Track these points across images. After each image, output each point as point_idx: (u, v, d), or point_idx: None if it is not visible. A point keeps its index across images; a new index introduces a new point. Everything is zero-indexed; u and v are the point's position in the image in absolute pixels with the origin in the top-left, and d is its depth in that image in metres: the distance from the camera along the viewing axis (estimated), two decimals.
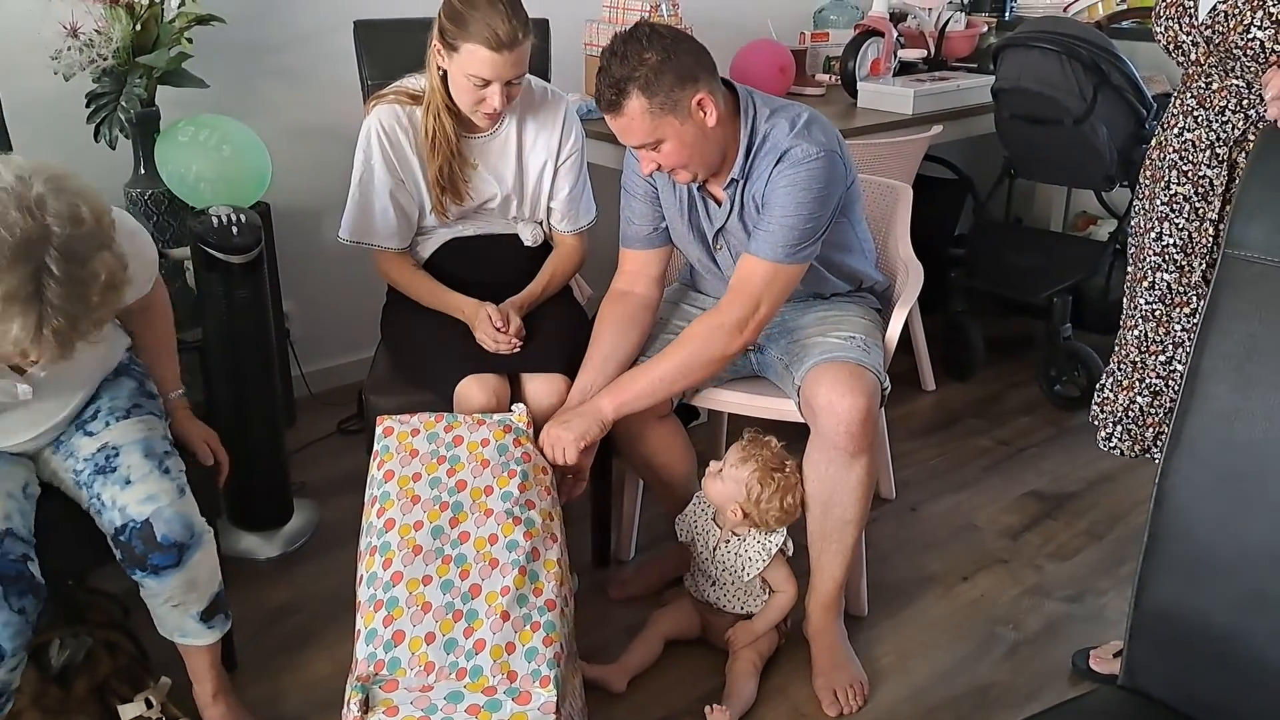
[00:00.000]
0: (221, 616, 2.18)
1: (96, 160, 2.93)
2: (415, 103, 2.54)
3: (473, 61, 2.37)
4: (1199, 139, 2.21)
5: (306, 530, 2.97)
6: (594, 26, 3.70)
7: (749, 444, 2.46)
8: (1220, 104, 2.16)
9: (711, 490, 2.46)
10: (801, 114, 2.34)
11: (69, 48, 2.80)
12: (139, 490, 2.00)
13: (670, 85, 2.20)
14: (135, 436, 2.08)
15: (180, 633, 2.15)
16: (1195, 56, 2.16)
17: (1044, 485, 3.31)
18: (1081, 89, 3.37)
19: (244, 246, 2.61)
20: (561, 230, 2.72)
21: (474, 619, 1.94)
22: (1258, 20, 2.02)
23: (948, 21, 4.28)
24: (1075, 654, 2.51)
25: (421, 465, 2.17)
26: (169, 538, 1.98)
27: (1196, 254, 2.26)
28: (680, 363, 2.37)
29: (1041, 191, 4.71)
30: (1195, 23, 2.12)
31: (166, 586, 2.03)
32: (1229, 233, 1.44)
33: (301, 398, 3.65)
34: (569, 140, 2.65)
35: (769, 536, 2.45)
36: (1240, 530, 1.41)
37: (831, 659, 2.45)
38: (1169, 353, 2.34)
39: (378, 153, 2.54)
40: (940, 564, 2.91)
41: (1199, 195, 2.22)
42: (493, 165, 2.60)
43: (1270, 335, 1.40)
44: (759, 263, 2.33)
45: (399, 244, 2.63)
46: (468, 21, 2.34)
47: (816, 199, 2.29)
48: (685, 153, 2.28)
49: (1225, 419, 1.42)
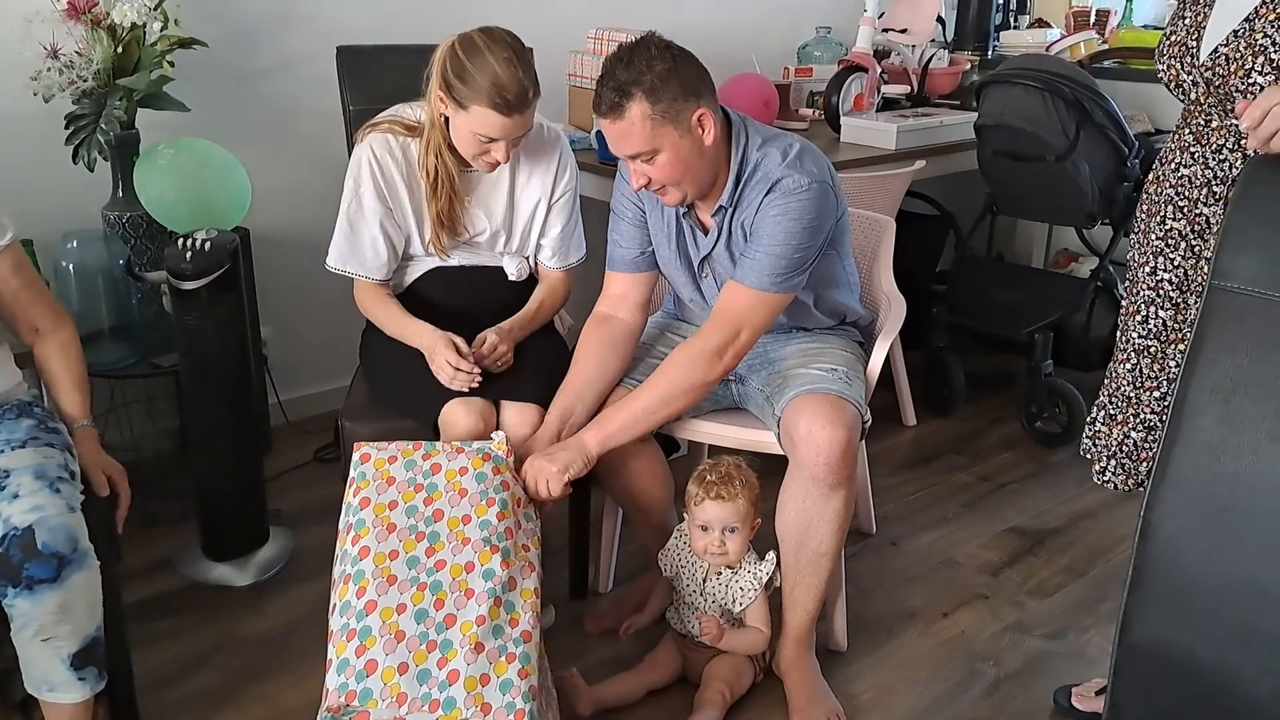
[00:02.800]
0: (94, 671, 2.00)
1: (75, 182, 2.92)
2: (410, 134, 2.49)
3: (481, 123, 2.32)
4: (1195, 175, 2.20)
5: (281, 558, 2.93)
6: (578, 58, 3.70)
7: (694, 487, 2.44)
8: (1218, 142, 2.16)
9: (698, 546, 2.44)
10: (794, 144, 2.34)
11: (49, 69, 2.79)
12: (25, 503, 1.93)
13: (674, 95, 2.19)
14: (29, 462, 2.01)
15: (47, 685, 1.98)
16: (1195, 96, 2.16)
17: (1025, 521, 3.30)
18: (1064, 126, 3.38)
19: (195, 273, 2.59)
20: (550, 267, 2.68)
21: (448, 649, 1.91)
22: (1258, 65, 2.02)
23: (931, 58, 4.30)
24: (1057, 691, 2.49)
25: (398, 493, 2.14)
26: (50, 546, 1.88)
27: (1193, 291, 2.26)
28: (662, 392, 2.36)
29: (1023, 228, 4.72)
30: (1196, 63, 2.13)
31: (39, 609, 1.90)
32: (1215, 264, 1.43)
33: (278, 425, 3.62)
34: (563, 178, 2.61)
35: (759, 566, 2.43)
36: (1226, 564, 1.39)
37: (806, 694, 2.42)
38: (1164, 388, 2.33)
39: (368, 181, 2.49)
40: (920, 599, 2.89)
41: (1195, 233, 2.22)
42: (484, 200, 2.57)
43: (1257, 368, 1.39)
44: (744, 290, 2.32)
45: (383, 276, 2.58)
46: (477, 83, 2.28)
47: (806, 229, 2.28)
48: (680, 168, 2.26)
49: (1212, 451, 1.41)
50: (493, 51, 2.28)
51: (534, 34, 3.07)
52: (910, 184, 3.59)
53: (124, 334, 3.04)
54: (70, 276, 2.94)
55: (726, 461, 2.44)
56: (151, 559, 2.89)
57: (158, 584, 2.82)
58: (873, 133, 3.80)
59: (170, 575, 2.87)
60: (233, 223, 2.90)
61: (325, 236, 2.56)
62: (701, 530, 2.41)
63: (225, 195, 2.87)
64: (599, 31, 3.66)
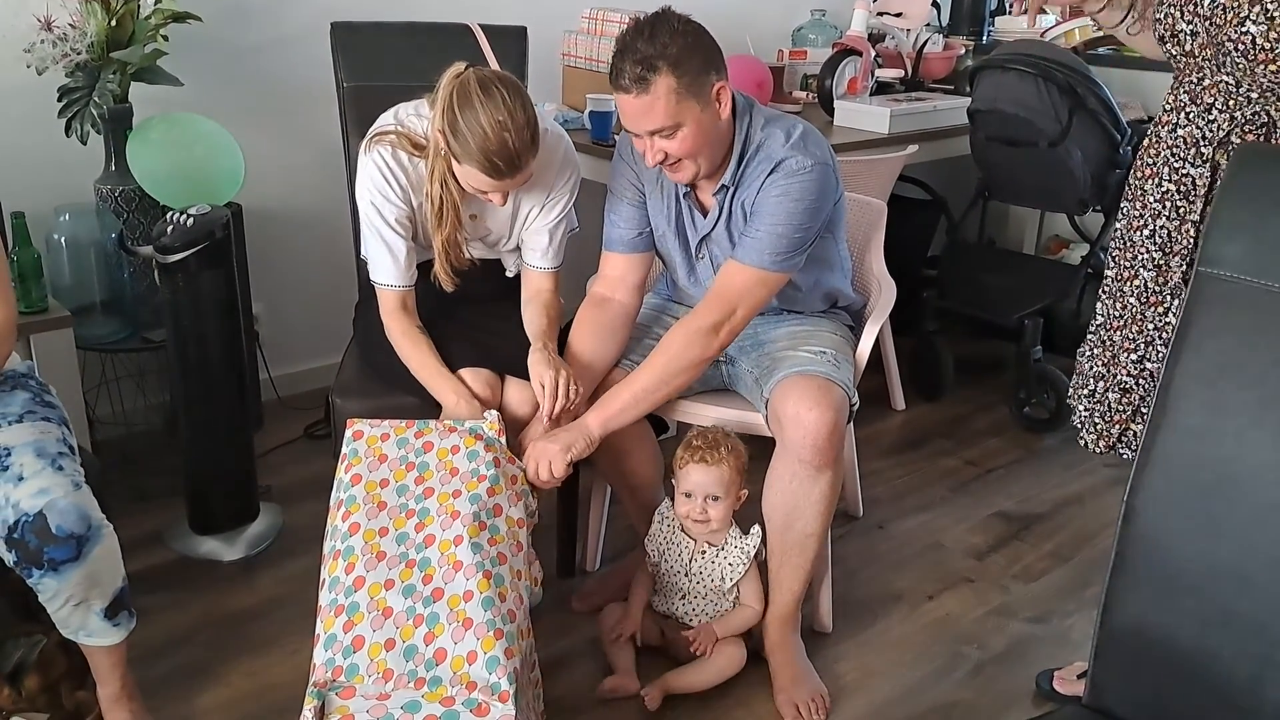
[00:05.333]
0: (126, 614, 2.08)
1: (67, 155, 2.92)
2: (416, 151, 2.37)
3: (473, 179, 2.25)
4: (1188, 136, 2.21)
5: (270, 534, 2.94)
6: (572, 38, 3.69)
7: (681, 451, 2.45)
8: (1208, 101, 2.16)
9: (680, 511, 2.45)
10: (797, 125, 2.35)
11: (42, 41, 2.78)
12: (31, 485, 1.93)
13: (698, 68, 2.20)
14: (27, 438, 2.01)
15: (84, 631, 2.05)
16: (1190, 47, 2.15)
17: (1011, 506, 3.31)
18: (1057, 112, 3.39)
19: (179, 246, 2.58)
20: (541, 268, 2.57)
21: (435, 623, 1.91)
22: (1253, 15, 2.02)
23: (926, 43, 4.30)
24: (1039, 675, 2.51)
25: (390, 471, 2.15)
26: (64, 529, 1.90)
27: (1175, 254, 2.26)
28: (661, 371, 2.36)
29: (1015, 214, 4.73)
30: (1200, 11, 2.11)
31: (68, 584, 1.94)
32: (1203, 250, 1.44)
33: (269, 401, 3.62)
34: (565, 195, 2.52)
35: (745, 540, 2.44)
36: (1208, 548, 1.40)
37: (790, 674, 2.43)
38: (1140, 351, 2.34)
39: (380, 191, 2.38)
40: (906, 582, 2.90)
41: (1181, 194, 2.22)
42: (488, 215, 2.51)
43: (1243, 354, 1.39)
44: (742, 268, 2.33)
45: (408, 281, 2.46)
46: (467, 142, 2.18)
47: (807, 210, 2.30)
48: (700, 141, 2.26)
49: (1196, 436, 1.42)
50: (486, 111, 2.16)
51: (529, 13, 3.08)
52: (903, 168, 3.60)
53: (115, 308, 3.04)
54: (62, 250, 2.94)
55: (715, 429, 2.45)
56: (141, 533, 2.88)
57: (146, 558, 2.82)
58: (866, 116, 3.80)
59: (159, 549, 2.88)
60: (225, 198, 2.90)
61: (318, 214, 2.56)
62: (685, 497, 2.42)
63: (218, 171, 2.87)
64: (593, 11, 3.65)
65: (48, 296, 2.78)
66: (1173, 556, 1.44)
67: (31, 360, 2.32)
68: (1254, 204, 1.41)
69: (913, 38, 4.30)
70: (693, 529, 2.45)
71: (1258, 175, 1.44)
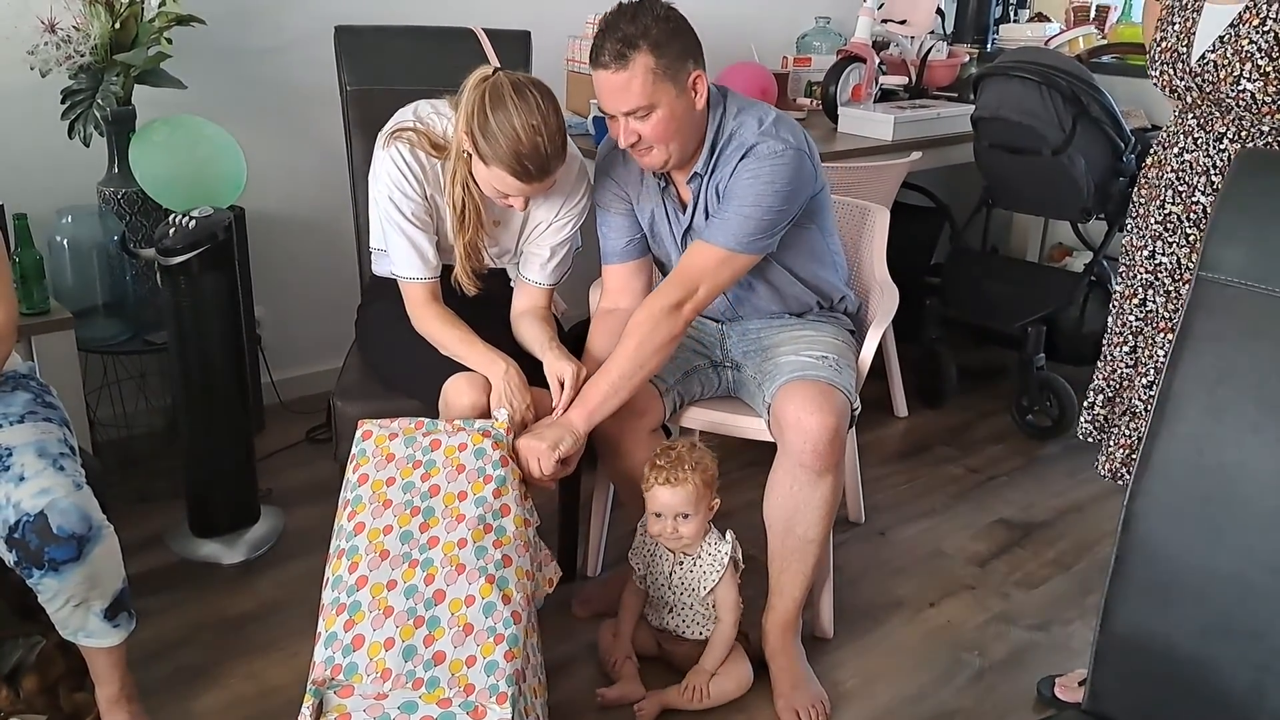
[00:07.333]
0: (126, 615, 2.08)
1: (70, 157, 2.92)
2: (436, 151, 2.37)
3: (499, 181, 2.24)
4: (1196, 162, 2.21)
5: (271, 537, 2.94)
6: (576, 43, 3.69)
7: (646, 471, 2.41)
8: (1220, 130, 2.17)
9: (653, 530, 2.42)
10: (769, 113, 2.37)
11: (45, 43, 2.78)
12: (32, 485, 1.93)
13: (677, 53, 2.23)
14: (29, 438, 2.01)
15: (84, 632, 2.04)
16: (1190, 100, 2.17)
17: (1013, 514, 3.31)
18: (1060, 120, 3.39)
19: (180, 247, 2.57)
20: (538, 282, 2.56)
21: (435, 626, 1.92)
22: (1246, 72, 2.03)
23: (930, 50, 4.30)
24: (1040, 681, 2.50)
25: (396, 470, 2.15)
26: (65, 529, 1.90)
27: (1184, 281, 2.26)
28: (633, 356, 2.34)
29: (1018, 222, 4.73)
30: (1188, 69, 2.13)
31: (68, 584, 1.94)
32: (1203, 255, 1.44)
33: (271, 404, 3.62)
34: (576, 212, 2.52)
35: (718, 545, 2.41)
36: (1208, 555, 1.40)
37: (791, 679, 2.43)
38: (1150, 376, 2.35)
39: (398, 187, 2.37)
40: (907, 589, 2.90)
41: (1191, 221, 2.23)
42: (506, 223, 2.52)
43: (1242, 360, 1.39)
44: (710, 249, 2.34)
45: (433, 273, 2.45)
46: (498, 144, 2.17)
47: (778, 193, 2.30)
48: (673, 126, 2.27)
49: (1195, 443, 1.42)
50: (520, 113, 2.16)
51: (533, 19, 3.08)
52: (906, 175, 3.60)
53: (118, 310, 3.04)
54: (64, 251, 2.94)
55: (679, 445, 2.42)
56: (141, 535, 2.88)
57: (147, 560, 2.82)
58: (870, 123, 3.80)
59: (160, 551, 2.88)
60: (227, 201, 2.91)
61: (320, 217, 2.56)
62: (655, 517, 2.40)
63: (220, 174, 2.87)
64: (598, 17, 3.64)
65: (50, 298, 2.78)
66: (1172, 563, 1.43)
67: (33, 361, 2.32)
68: (1254, 209, 1.41)
69: (917, 45, 4.30)
70: (670, 546, 2.44)
71: (1258, 180, 1.44)
